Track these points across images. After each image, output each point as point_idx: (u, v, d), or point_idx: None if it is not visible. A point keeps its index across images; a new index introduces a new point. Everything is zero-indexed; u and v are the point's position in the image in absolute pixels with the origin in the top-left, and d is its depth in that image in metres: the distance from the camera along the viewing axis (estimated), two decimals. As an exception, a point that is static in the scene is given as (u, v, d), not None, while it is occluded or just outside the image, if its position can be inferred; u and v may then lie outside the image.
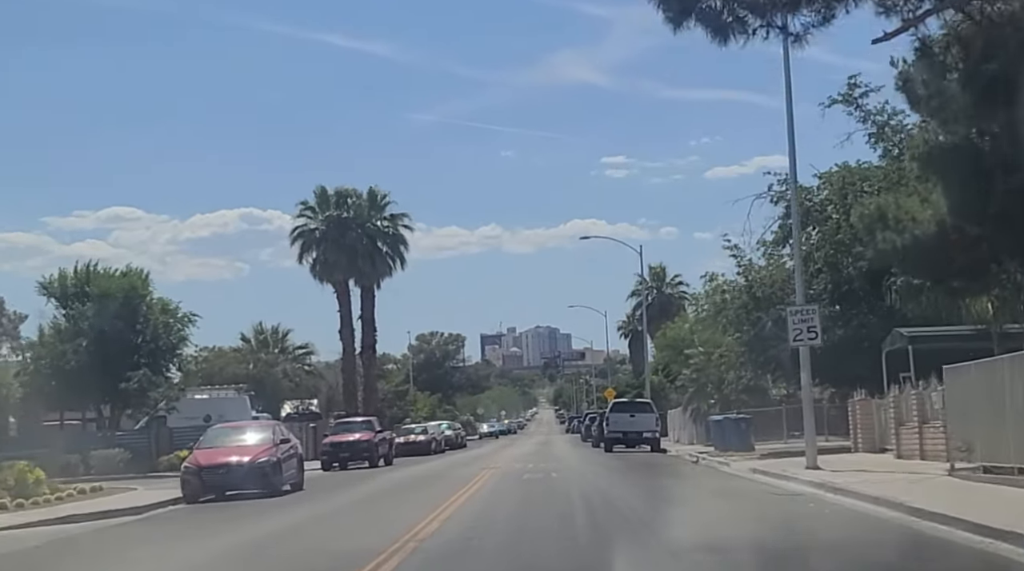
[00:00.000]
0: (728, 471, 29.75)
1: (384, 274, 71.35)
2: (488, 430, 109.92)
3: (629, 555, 12.31)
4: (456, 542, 14.25)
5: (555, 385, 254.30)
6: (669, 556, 12.27)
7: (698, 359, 50.88)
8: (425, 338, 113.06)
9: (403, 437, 58.95)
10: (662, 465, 34.61)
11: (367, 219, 70.98)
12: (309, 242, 70.44)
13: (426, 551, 13.34)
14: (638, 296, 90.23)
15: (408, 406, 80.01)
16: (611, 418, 48.43)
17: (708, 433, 49.58)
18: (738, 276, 38.40)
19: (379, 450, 43.02)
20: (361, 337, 70.96)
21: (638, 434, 48.05)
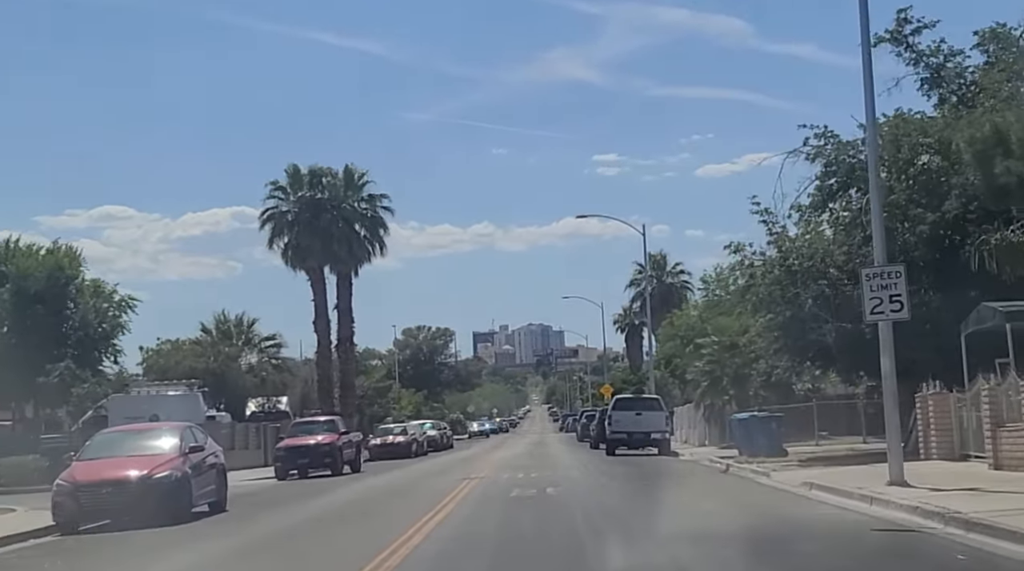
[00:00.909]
0: (773, 485, 22.87)
1: (362, 260, 64.48)
2: (478, 429, 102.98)
3: None
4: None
5: (548, 382, 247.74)
6: None
7: (712, 349, 44.02)
8: (412, 332, 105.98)
9: (380, 438, 52.09)
10: (684, 475, 27.74)
11: (343, 200, 64.08)
12: (280, 226, 63.54)
13: None
14: (637, 286, 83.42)
15: (391, 404, 73.12)
16: (614, 416, 41.58)
17: (727, 433, 42.80)
18: (769, 246, 31.47)
19: (344, 455, 36.12)
20: (337, 328, 64.13)
21: (645, 435, 41.21)
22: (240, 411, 53.03)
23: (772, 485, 22.85)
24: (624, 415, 41.50)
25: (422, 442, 54.68)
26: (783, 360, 32.17)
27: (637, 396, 46.07)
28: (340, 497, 24.26)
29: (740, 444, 33.85)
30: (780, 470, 25.67)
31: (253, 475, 36.92)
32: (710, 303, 50.57)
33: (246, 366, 54.40)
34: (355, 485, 29.07)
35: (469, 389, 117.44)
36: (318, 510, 21.55)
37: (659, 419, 41.49)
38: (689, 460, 36.60)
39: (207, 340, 53.55)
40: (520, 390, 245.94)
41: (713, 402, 44.11)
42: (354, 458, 37.38)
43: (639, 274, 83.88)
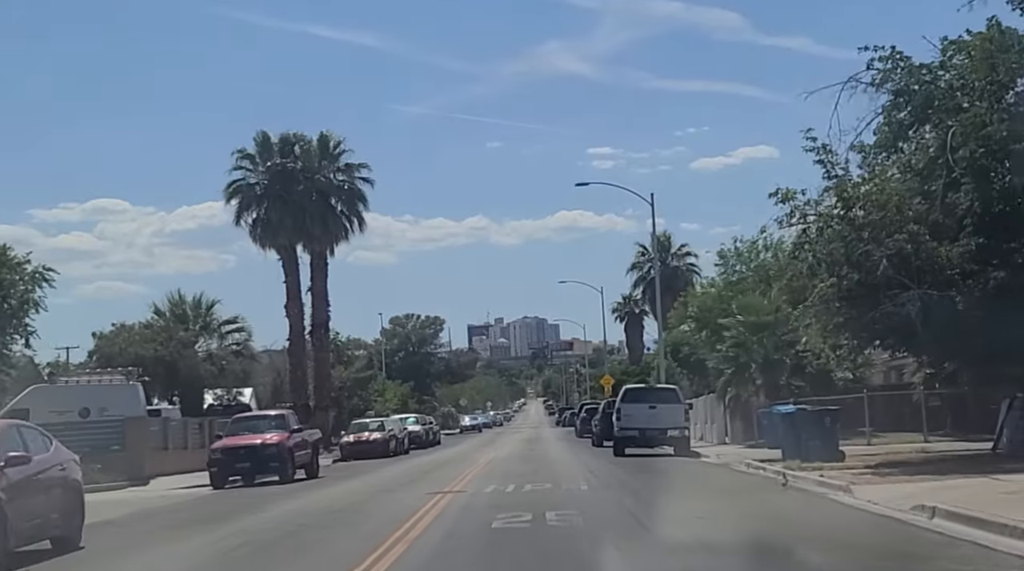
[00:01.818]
0: (868, 509, 15.81)
1: (339, 237, 57.52)
2: (470, 423, 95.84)
3: None
4: None
5: (543, 376, 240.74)
6: None
7: (737, 331, 36.96)
8: (399, 321, 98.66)
9: (353, 435, 45.01)
10: (731, 490, 20.62)
11: (317, 170, 57.07)
12: (248, 199, 56.51)
13: None
14: (639, 269, 76.24)
15: (372, 396, 66.02)
16: (624, 410, 34.53)
17: (756, 429, 35.82)
18: (827, 193, 24.37)
19: (296, 457, 29.03)
20: (311, 313, 57.14)
21: (660, 432, 34.21)
22: (197, 404, 45.95)
23: (868, 509, 15.77)
24: (636, 409, 34.50)
25: (402, 439, 47.65)
26: (843, 338, 24.97)
27: (651, 386, 38.99)
28: (241, 529, 17.14)
29: (784, 444, 26.78)
30: (860, 483, 18.65)
31: (189, 481, 29.87)
32: (729, 281, 43.48)
33: (204, 353, 47.37)
34: (293, 502, 21.97)
35: (461, 381, 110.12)
36: (210, 545, 14.47)
37: (676, 413, 34.50)
38: (717, 463, 29.53)
39: (159, 324, 46.52)
40: (515, 383, 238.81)
41: (738, 393, 37.07)
42: (309, 461, 30.31)
43: (642, 256, 76.73)
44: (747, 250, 43.18)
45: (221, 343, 48.51)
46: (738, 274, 43.52)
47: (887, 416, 35.05)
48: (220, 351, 47.62)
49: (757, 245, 43.15)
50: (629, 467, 28.48)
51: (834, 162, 24.33)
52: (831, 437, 25.81)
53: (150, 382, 44.06)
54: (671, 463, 30.22)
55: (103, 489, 27.53)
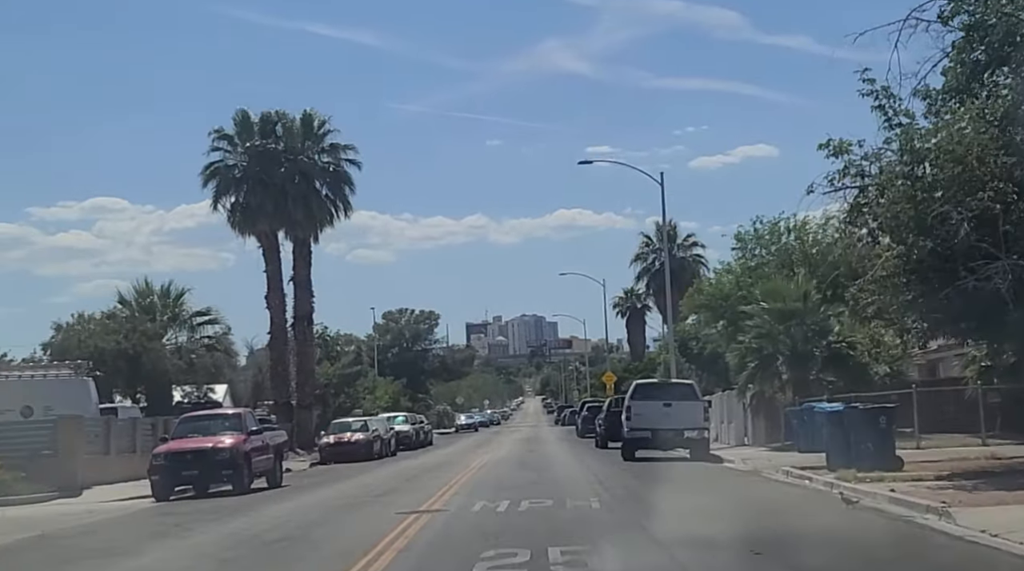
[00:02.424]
0: (1002, 547, 11.24)
1: (323, 223, 52.92)
2: (466, 422, 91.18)
3: None
4: None
5: (542, 373, 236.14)
6: None
7: (762, 320, 32.46)
8: (393, 316, 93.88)
9: (333, 436, 40.51)
10: (782, 509, 16.02)
11: (301, 151, 52.45)
12: (226, 182, 51.91)
13: None
14: (643, 260, 71.71)
15: (360, 394, 61.43)
16: (635, 409, 30.00)
17: (785, 431, 31.40)
18: (887, 145, 19.87)
19: (253, 464, 24.48)
20: (294, 304, 52.59)
21: (676, 433, 29.69)
22: (164, 402, 41.42)
23: (993, 545, 11.26)
24: (648, 407, 29.98)
25: (388, 440, 43.13)
26: (911, 320, 20.39)
27: (664, 382, 34.40)
28: (165, 555, 12.64)
29: (830, 448, 22.29)
30: (953, 503, 14.15)
31: (131, 491, 25.29)
32: (747, 265, 39.00)
33: (173, 347, 42.87)
34: (233, 521, 17.47)
35: (457, 378, 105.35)
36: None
37: (694, 412, 30.00)
38: (745, 470, 25.00)
39: (123, 315, 42.02)
40: (513, 381, 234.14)
41: (762, 389, 32.53)
42: (271, 467, 25.76)
43: (646, 246, 72.20)
44: (768, 232, 38.71)
45: (192, 336, 44.01)
46: (757, 258, 39.05)
47: (928, 415, 30.57)
48: (190, 344, 43.10)
49: (779, 227, 38.73)
50: (643, 475, 23.96)
51: (896, 108, 19.84)
52: (886, 440, 21.31)
53: (110, 377, 39.63)
54: (691, 470, 25.74)
55: (23, 502, 23.06)
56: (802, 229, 38.22)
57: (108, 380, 39.63)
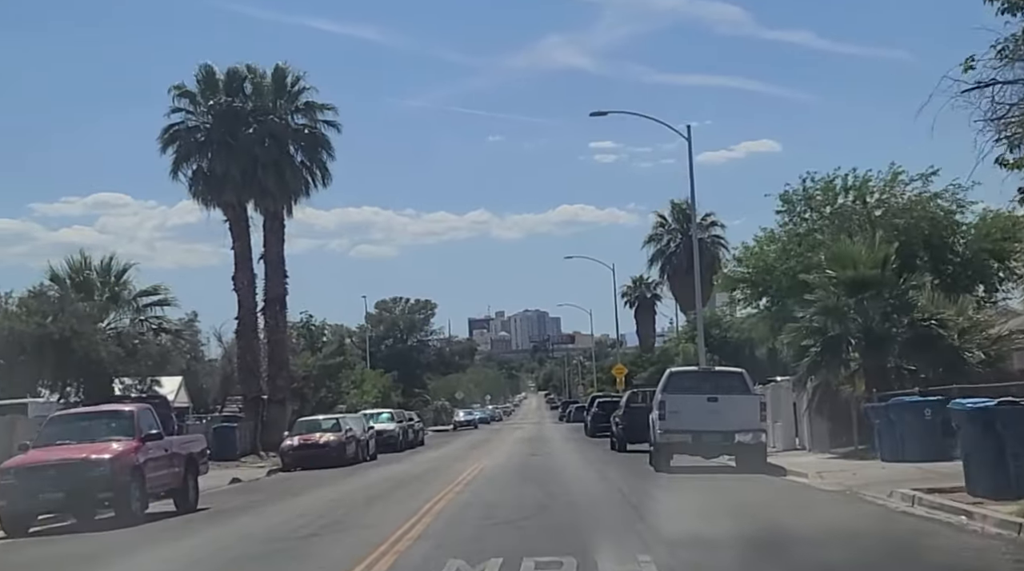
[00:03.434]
0: None
1: (298, 193, 45.65)
2: (465, 418, 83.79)
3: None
4: None
5: (544, 369, 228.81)
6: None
7: (829, 291, 25.17)
8: (386, 305, 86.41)
9: (297, 437, 33.27)
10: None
11: (271, 111, 45.11)
12: (187, 147, 44.68)
13: None
14: (657, 242, 64.31)
15: (344, 388, 54.06)
16: (670, 404, 22.60)
17: (857, 432, 24.16)
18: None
19: (146, 482, 17.12)
20: (264, 285, 45.34)
21: (725, 437, 22.39)
22: (103, 396, 34.05)
23: None
24: (687, 402, 22.66)
25: (366, 441, 35.83)
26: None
27: (707, 369, 26.76)
28: None
29: (972, 463, 15.00)
30: None
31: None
32: (795, 232, 31.69)
33: (114, 331, 35.68)
34: None
35: (455, 372, 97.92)
36: None
37: (749, 409, 22.67)
38: (833, 490, 17.69)
39: (54, 294, 34.87)
40: (515, 376, 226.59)
41: (827, 380, 25.14)
42: (181, 484, 18.44)
43: (660, 227, 64.76)
44: (821, 191, 31.41)
45: (135, 318, 36.86)
46: (808, 223, 31.76)
47: None
48: (133, 329, 35.93)
49: (834, 185, 31.42)
50: (695, 497, 16.73)
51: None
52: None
53: (31, 367, 32.37)
54: (757, 489, 18.49)
55: None
56: (864, 187, 30.99)
57: (29, 370, 32.43)
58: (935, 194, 30.39)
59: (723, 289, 32.17)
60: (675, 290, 63.82)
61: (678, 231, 63.92)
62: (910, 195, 30.51)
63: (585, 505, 16.13)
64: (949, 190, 30.26)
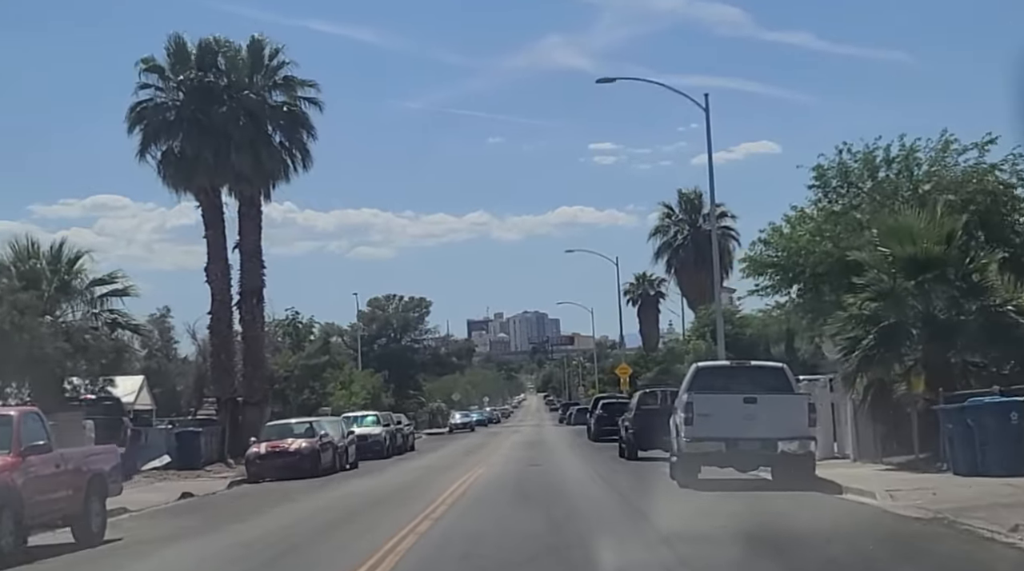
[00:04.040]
0: None
1: (277, 176, 41.42)
2: (461, 420, 79.46)
3: None
4: None
5: (543, 370, 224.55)
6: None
7: (880, 272, 20.97)
8: (379, 303, 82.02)
9: (265, 444, 29.01)
10: None
11: (248, 87, 40.88)
12: (155, 126, 40.40)
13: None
14: (663, 234, 60.05)
15: (328, 389, 49.81)
16: (698, 405, 18.35)
17: (921, 439, 19.98)
18: None
19: (25, 508, 12.86)
20: (240, 277, 41.14)
21: (766, 445, 18.24)
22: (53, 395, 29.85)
23: None
24: (720, 403, 18.49)
25: (344, 448, 31.57)
26: None
27: (742, 364, 22.18)
28: None
29: None
30: None
31: None
32: (831, 211, 27.47)
33: (63, 325, 31.45)
34: None
35: (451, 372, 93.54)
36: None
37: (795, 411, 18.46)
38: (920, 519, 13.44)
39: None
40: (514, 377, 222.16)
41: (882, 377, 20.90)
42: (80, 510, 14.13)
43: (667, 218, 60.49)
44: (862, 163, 27.19)
45: (89, 311, 32.63)
46: (844, 202, 27.55)
47: None
48: (85, 322, 31.65)
49: (874, 157, 27.21)
50: (748, 526, 12.52)
51: None
52: None
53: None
54: (820, 515, 14.32)
55: None
56: (910, 158, 26.79)
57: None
58: (992, 166, 26.20)
59: (749, 275, 28.00)
60: (683, 285, 59.67)
61: (686, 222, 59.69)
62: (964, 167, 26.31)
63: (603, 541, 11.91)
64: (1008, 161, 26.09)
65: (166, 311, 45.52)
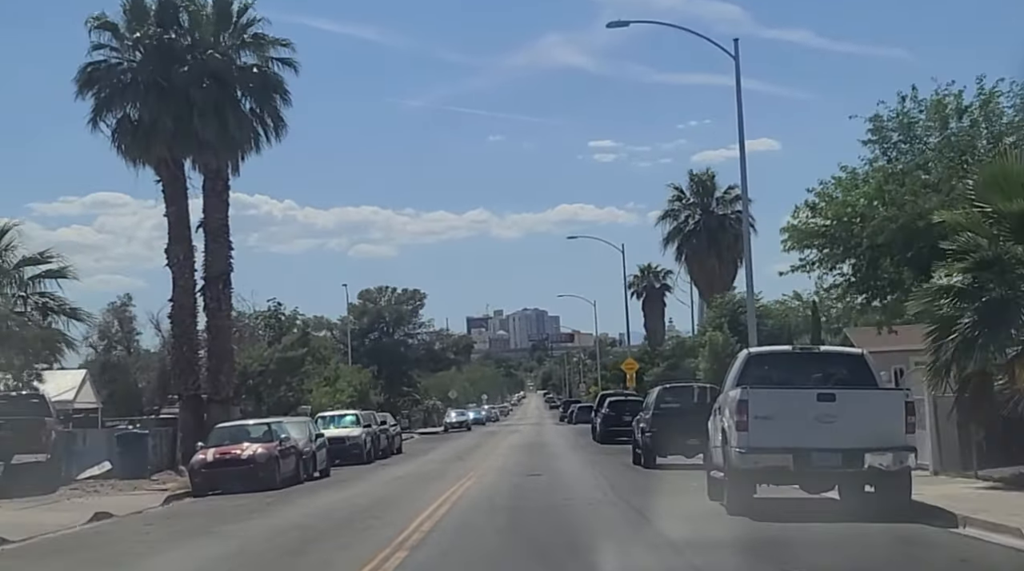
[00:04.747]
0: None
1: (245, 146, 36.35)
2: (457, 419, 74.48)
3: None
4: None
5: (543, 368, 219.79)
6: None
7: (978, 236, 15.98)
8: (370, 295, 76.89)
9: (213, 450, 24.01)
10: None
11: (212, 46, 35.90)
12: (109, 90, 35.47)
13: None
14: (673, 218, 55.01)
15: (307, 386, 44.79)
16: (756, 405, 13.43)
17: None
18: None
19: None
20: (205, 260, 36.25)
21: (850, 458, 13.25)
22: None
23: None
24: (785, 401, 13.56)
25: (312, 453, 26.59)
26: None
27: (808, 349, 17.02)
28: None
29: None
30: None
31: None
32: (891, 170, 22.48)
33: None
34: None
35: (445, 368, 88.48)
36: None
37: (886, 412, 13.51)
38: None
39: None
40: (514, 375, 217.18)
41: (984, 370, 15.93)
42: None
43: (677, 201, 55.47)
44: (931, 113, 22.21)
45: (16, 294, 27.49)
46: (908, 160, 22.59)
47: None
48: (7, 307, 26.56)
49: (944, 106, 22.25)
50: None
51: None
52: None
53: None
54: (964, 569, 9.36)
55: None
56: (991, 104, 21.84)
57: None
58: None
59: (792, 248, 22.92)
60: (693, 274, 54.73)
61: (697, 206, 54.70)
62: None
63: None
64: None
65: (127, 299, 40.63)
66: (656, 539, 11.93)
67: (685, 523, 13.10)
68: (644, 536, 12.35)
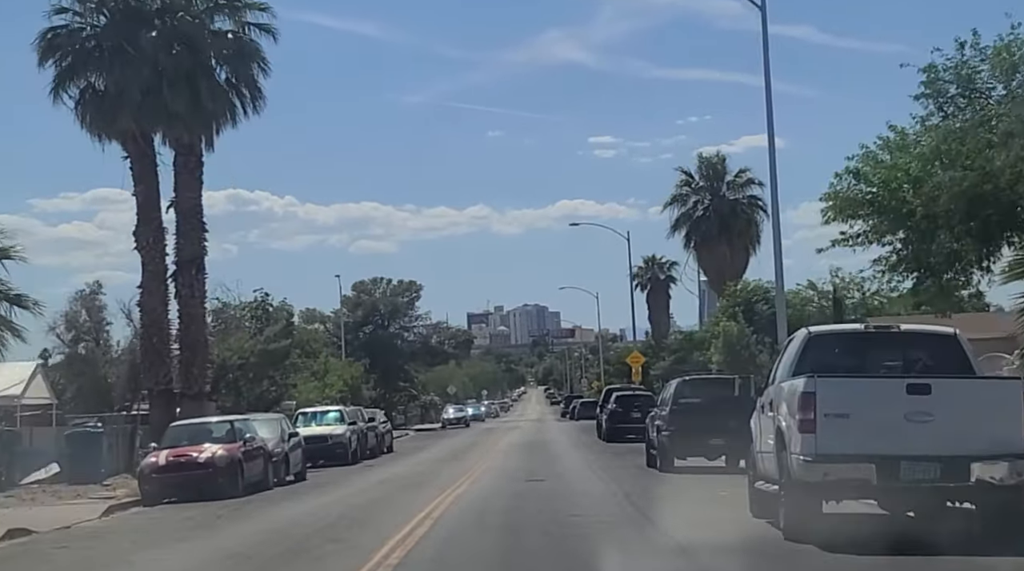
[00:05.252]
0: None
1: (220, 118, 33.11)
2: (455, 415, 71.12)
3: None
4: None
5: (544, 363, 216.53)
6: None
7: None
8: (365, 287, 73.36)
9: (167, 452, 20.71)
10: None
11: (183, 8, 32.63)
12: (72, 58, 32.21)
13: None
14: (681, 204, 51.61)
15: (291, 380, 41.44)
16: (826, 398, 10.17)
17: None
18: None
19: None
20: (176, 243, 33.02)
21: (950, 469, 9.98)
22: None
23: None
24: (866, 393, 10.24)
25: (284, 455, 23.29)
26: None
27: (883, 329, 13.30)
28: None
29: None
30: None
31: None
32: (950, 128, 19.13)
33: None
34: None
35: (442, 362, 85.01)
36: None
37: (996, 408, 10.20)
38: None
39: None
40: (514, 370, 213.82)
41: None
42: None
43: (686, 186, 52.05)
44: (996, 59, 18.89)
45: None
46: (967, 117, 19.26)
47: None
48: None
49: (1012, 52, 18.91)
50: None
51: None
52: None
53: None
54: None
55: None
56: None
57: None
58: None
59: (833, 219, 19.56)
60: (703, 262, 51.42)
61: (707, 190, 51.28)
62: None
63: None
64: None
65: (97, 287, 37.27)
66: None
67: (734, 557, 9.87)
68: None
